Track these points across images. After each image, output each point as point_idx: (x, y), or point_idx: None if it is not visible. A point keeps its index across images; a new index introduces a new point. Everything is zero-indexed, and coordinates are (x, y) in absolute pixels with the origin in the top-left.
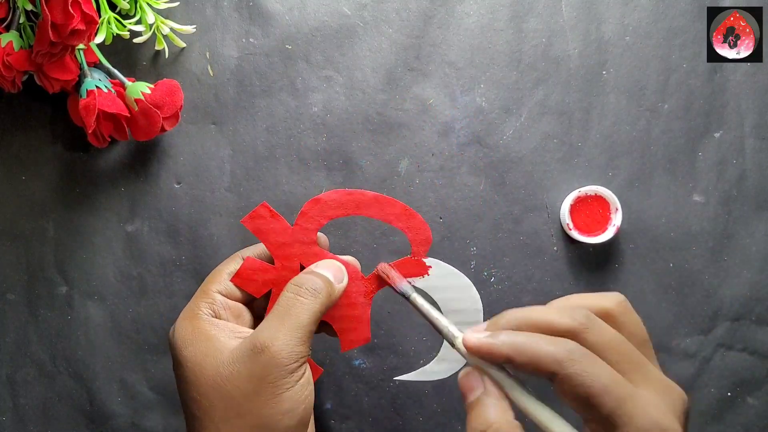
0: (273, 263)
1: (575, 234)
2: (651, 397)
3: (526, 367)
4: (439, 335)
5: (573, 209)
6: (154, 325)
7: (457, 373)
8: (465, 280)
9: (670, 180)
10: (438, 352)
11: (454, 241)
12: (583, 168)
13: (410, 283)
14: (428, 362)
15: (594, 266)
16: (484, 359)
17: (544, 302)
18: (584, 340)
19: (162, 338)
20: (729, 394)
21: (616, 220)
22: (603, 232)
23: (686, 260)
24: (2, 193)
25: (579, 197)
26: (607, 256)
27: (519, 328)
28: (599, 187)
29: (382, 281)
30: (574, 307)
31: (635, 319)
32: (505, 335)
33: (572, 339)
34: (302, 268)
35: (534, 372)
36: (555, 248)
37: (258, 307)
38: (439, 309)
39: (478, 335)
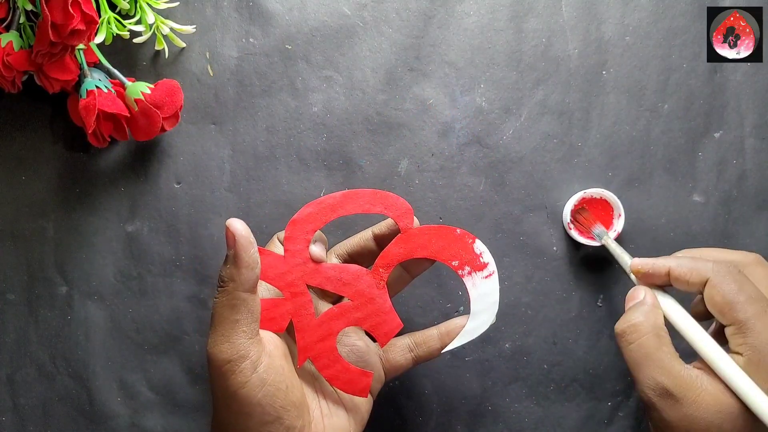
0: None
1: (575, 234)
2: None
3: (683, 278)
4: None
5: (576, 210)
6: (154, 325)
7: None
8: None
9: (670, 180)
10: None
11: None
12: (583, 168)
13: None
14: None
15: (594, 266)
16: (647, 277)
17: (544, 303)
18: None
19: (162, 338)
20: None
21: (618, 225)
22: None
23: None
24: (2, 193)
25: (584, 198)
26: (608, 256)
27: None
28: (604, 190)
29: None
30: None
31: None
32: (665, 257)
33: None
34: (309, 287)
35: (688, 285)
36: (555, 248)
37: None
38: None
39: (643, 260)
